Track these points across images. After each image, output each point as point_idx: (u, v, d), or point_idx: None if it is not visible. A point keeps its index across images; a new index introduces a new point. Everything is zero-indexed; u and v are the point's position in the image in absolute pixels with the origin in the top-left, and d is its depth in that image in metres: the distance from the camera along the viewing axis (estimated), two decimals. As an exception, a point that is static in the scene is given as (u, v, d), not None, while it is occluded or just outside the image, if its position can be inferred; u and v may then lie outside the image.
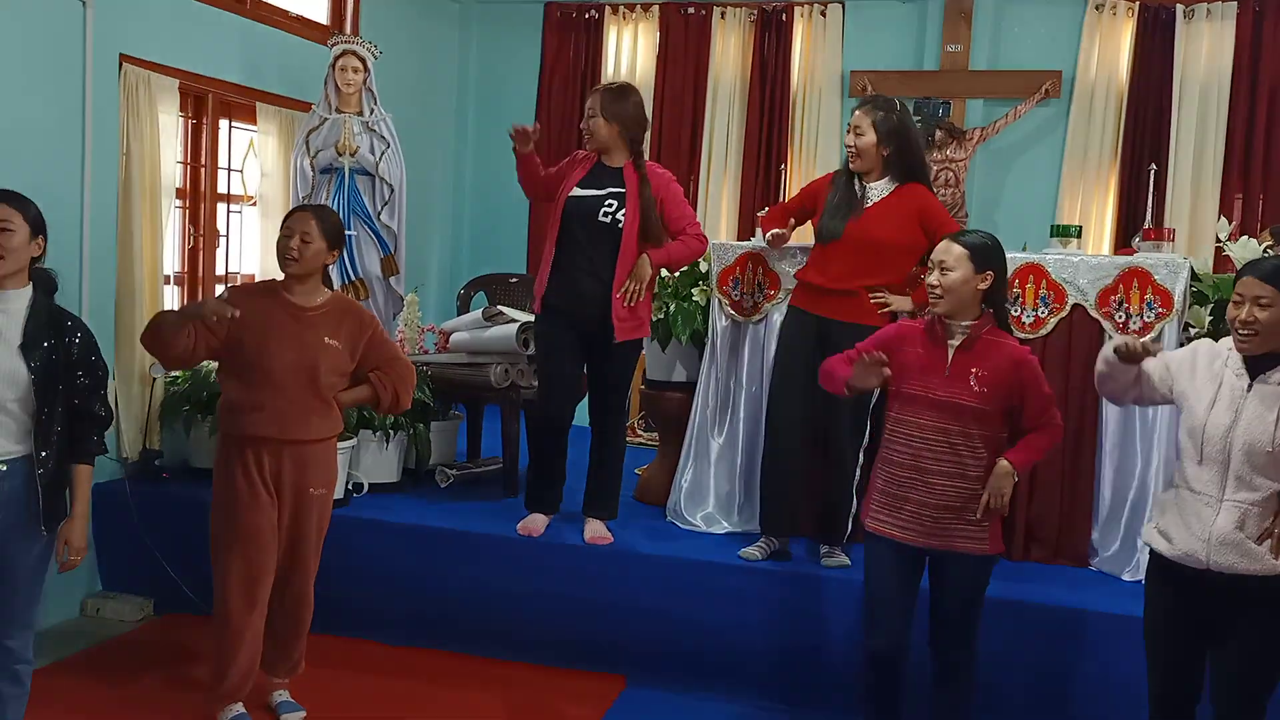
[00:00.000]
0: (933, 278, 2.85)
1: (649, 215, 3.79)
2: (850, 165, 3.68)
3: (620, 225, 3.77)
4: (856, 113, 3.67)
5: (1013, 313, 3.85)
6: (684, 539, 4.03)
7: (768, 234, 3.92)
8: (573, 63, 6.83)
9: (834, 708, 3.57)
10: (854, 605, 3.57)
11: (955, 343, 2.86)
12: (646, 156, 3.92)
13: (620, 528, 4.03)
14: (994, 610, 3.12)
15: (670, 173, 3.99)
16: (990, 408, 2.82)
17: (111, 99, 4.20)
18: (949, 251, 2.85)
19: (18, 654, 2.68)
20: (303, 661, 3.44)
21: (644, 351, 4.34)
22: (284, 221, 3.25)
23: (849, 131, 3.68)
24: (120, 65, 4.23)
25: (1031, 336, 3.82)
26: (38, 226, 2.61)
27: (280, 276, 3.26)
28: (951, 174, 5.86)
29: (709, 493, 4.20)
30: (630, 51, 6.73)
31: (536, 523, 3.96)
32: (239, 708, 3.31)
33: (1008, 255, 2.97)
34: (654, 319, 4.27)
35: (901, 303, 3.67)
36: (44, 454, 2.59)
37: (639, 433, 5.92)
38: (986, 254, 2.86)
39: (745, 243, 4.28)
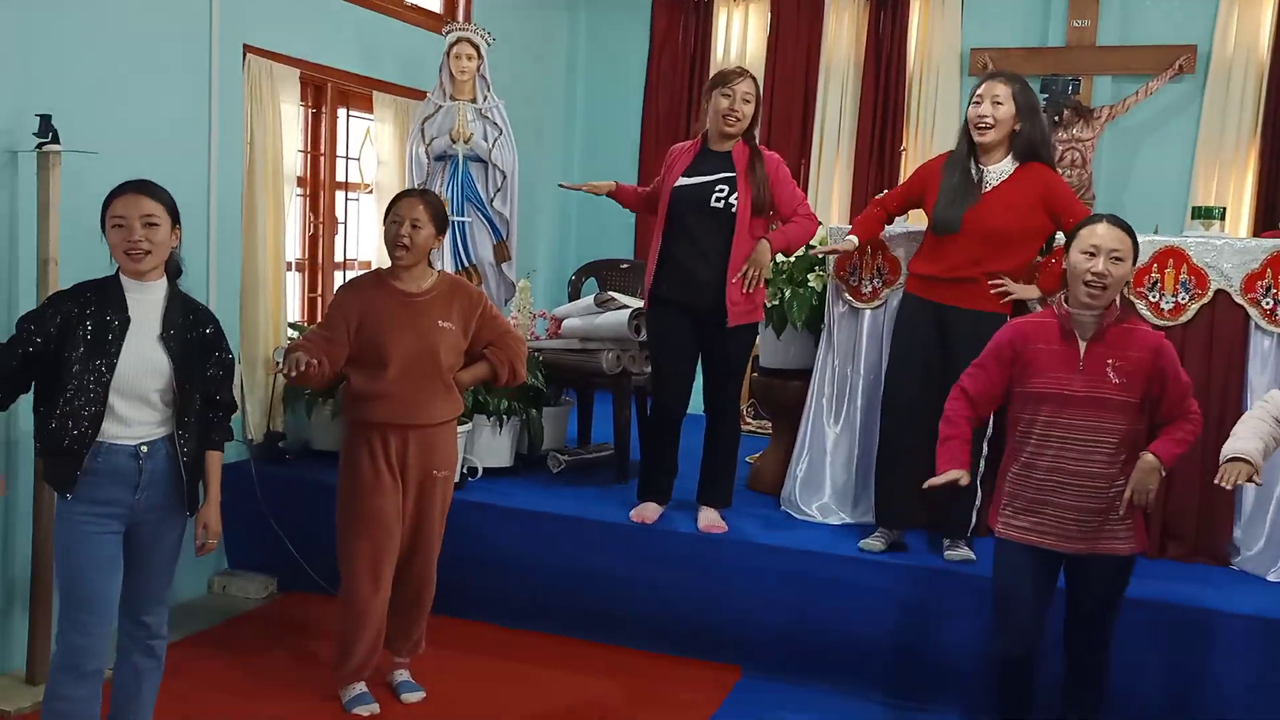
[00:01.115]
0: (1098, 265, 2.67)
1: (761, 194, 3.73)
2: (978, 138, 3.51)
3: (734, 209, 3.71)
4: (991, 83, 3.51)
5: (1150, 298, 3.68)
6: (799, 529, 3.96)
7: (842, 241, 3.84)
8: (681, 46, 6.77)
9: (954, 705, 3.48)
10: (976, 601, 3.46)
11: (1087, 334, 2.72)
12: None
13: (734, 516, 3.98)
14: (1127, 609, 2.98)
15: (778, 155, 3.92)
16: (1132, 399, 2.68)
17: (236, 89, 4.30)
18: (1122, 240, 2.70)
19: (154, 629, 2.76)
20: (423, 641, 3.49)
21: (757, 338, 4.27)
22: (390, 208, 3.25)
23: (981, 102, 3.49)
24: (244, 56, 4.32)
25: (1170, 324, 3.64)
26: (175, 217, 2.67)
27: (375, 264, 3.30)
28: (1078, 154, 5.62)
29: (825, 482, 4.12)
30: (740, 33, 6.63)
31: (649, 511, 3.94)
32: (361, 686, 3.38)
33: (1140, 239, 2.83)
34: (769, 305, 4.20)
35: (1026, 291, 3.53)
36: (184, 438, 2.65)
37: (749, 420, 5.85)
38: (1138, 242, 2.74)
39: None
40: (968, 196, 3.49)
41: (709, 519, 3.88)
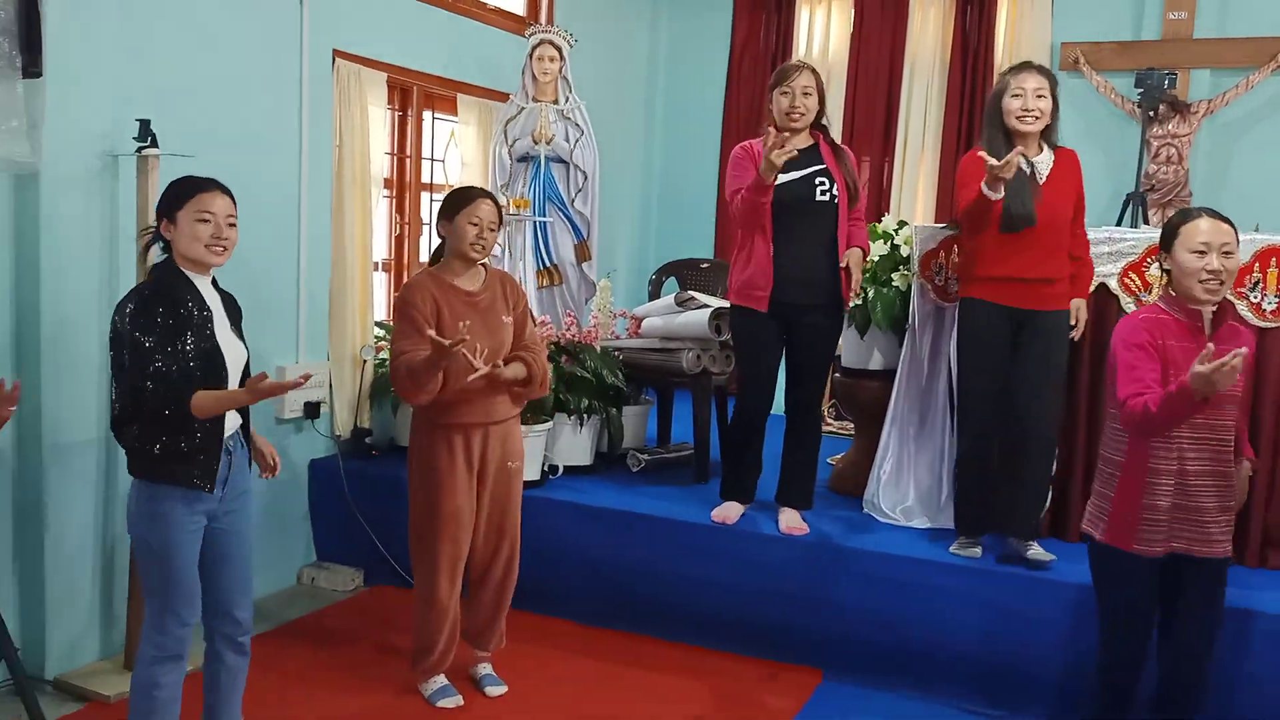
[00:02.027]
0: (1213, 263, 2.59)
1: (853, 183, 3.73)
2: (1024, 128, 3.46)
3: (835, 200, 3.69)
4: (1027, 75, 3.46)
5: (1251, 299, 3.56)
6: (882, 532, 3.91)
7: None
8: (763, 45, 6.73)
9: (1039, 712, 3.41)
10: (1065, 608, 3.40)
11: (1209, 332, 2.63)
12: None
13: (815, 518, 3.94)
14: (1231, 619, 2.88)
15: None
16: (1244, 394, 2.60)
17: (326, 93, 4.39)
18: (1229, 234, 2.62)
19: (244, 625, 2.81)
20: (504, 636, 3.52)
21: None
22: (463, 208, 3.20)
23: (1023, 94, 3.44)
24: (334, 60, 4.42)
25: (1273, 325, 3.52)
26: None
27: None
28: (1174, 150, 5.45)
29: (909, 485, 4.06)
30: (823, 31, 6.57)
31: (731, 511, 3.92)
32: (442, 679, 3.42)
33: (1240, 237, 2.73)
34: (853, 305, 4.16)
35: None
36: (245, 421, 2.73)
37: (829, 421, 5.79)
38: None
39: (948, 227, 4.09)
40: (1032, 190, 3.43)
41: (790, 520, 3.85)
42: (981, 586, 3.52)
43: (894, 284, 4.18)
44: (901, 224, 4.30)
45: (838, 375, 4.58)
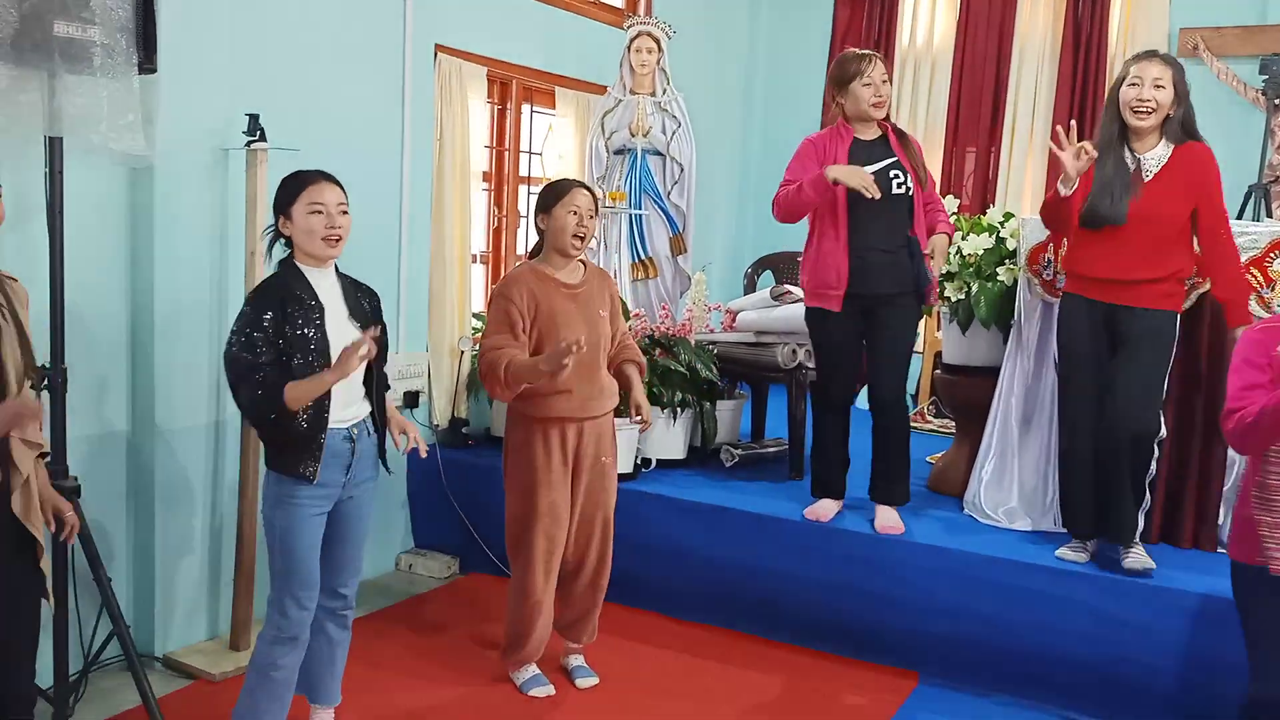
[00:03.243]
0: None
1: (922, 174, 3.67)
2: (1136, 122, 3.29)
3: (911, 192, 3.63)
4: (1148, 64, 3.29)
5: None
6: (984, 533, 3.80)
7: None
8: (865, 34, 6.60)
9: (1152, 727, 3.27)
10: (1182, 618, 3.25)
11: None
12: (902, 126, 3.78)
13: (913, 517, 3.85)
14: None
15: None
16: None
17: (427, 87, 4.45)
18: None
19: (349, 600, 2.90)
20: (597, 628, 3.53)
21: (939, 333, 4.12)
22: (560, 198, 3.20)
23: (1140, 84, 3.28)
24: (435, 55, 4.48)
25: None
26: None
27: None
28: (1301, 139, 5.17)
29: (1013, 486, 3.94)
30: (928, 20, 6.41)
31: (825, 508, 3.86)
32: (534, 668, 3.45)
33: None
34: (955, 299, 4.06)
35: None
36: (376, 411, 2.78)
37: (929, 419, 5.66)
38: None
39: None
40: (1129, 187, 3.27)
41: (886, 519, 3.77)
42: (1089, 592, 3.39)
43: (999, 278, 4.05)
44: (1008, 216, 4.17)
45: (938, 371, 4.47)
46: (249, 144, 3.47)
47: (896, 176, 3.61)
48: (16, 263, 2.77)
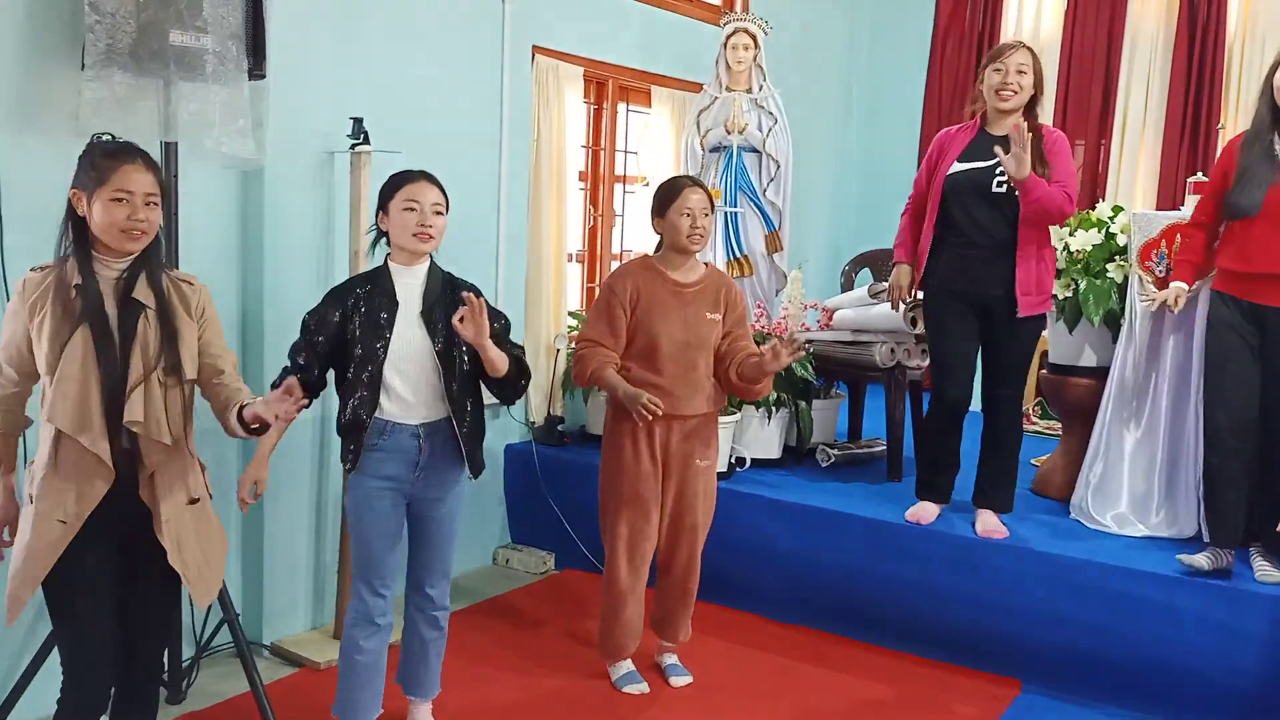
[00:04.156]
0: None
1: (1042, 166, 3.49)
2: None
3: (1017, 194, 3.49)
4: None
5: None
6: (1090, 539, 3.68)
7: (1170, 289, 3.48)
8: (968, 26, 6.45)
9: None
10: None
11: None
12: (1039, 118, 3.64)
13: (1016, 522, 3.75)
14: None
15: (1061, 133, 3.66)
16: None
17: (525, 88, 4.50)
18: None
19: (437, 601, 2.94)
20: (690, 628, 3.52)
21: (1045, 332, 4.01)
22: (672, 201, 3.21)
23: None
24: (533, 56, 4.52)
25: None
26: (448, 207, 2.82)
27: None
28: None
29: (1122, 490, 3.80)
30: (1035, 8, 6.23)
31: (926, 511, 3.78)
32: (629, 665, 3.46)
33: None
34: (1062, 297, 3.93)
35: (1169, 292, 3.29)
36: (458, 412, 2.78)
37: (1035, 420, 5.51)
38: None
39: (1170, 213, 3.81)
40: (1269, 174, 3.12)
41: (988, 523, 3.68)
42: (1202, 602, 3.27)
43: (1108, 275, 3.92)
44: (1117, 210, 4.03)
45: (1044, 372, 4.34)
46: (353, 147, 3.55)
47: (1003, 174, 3.51)
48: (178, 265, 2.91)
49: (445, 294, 2.80)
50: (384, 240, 2.83)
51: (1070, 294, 3.96)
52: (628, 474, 3.26)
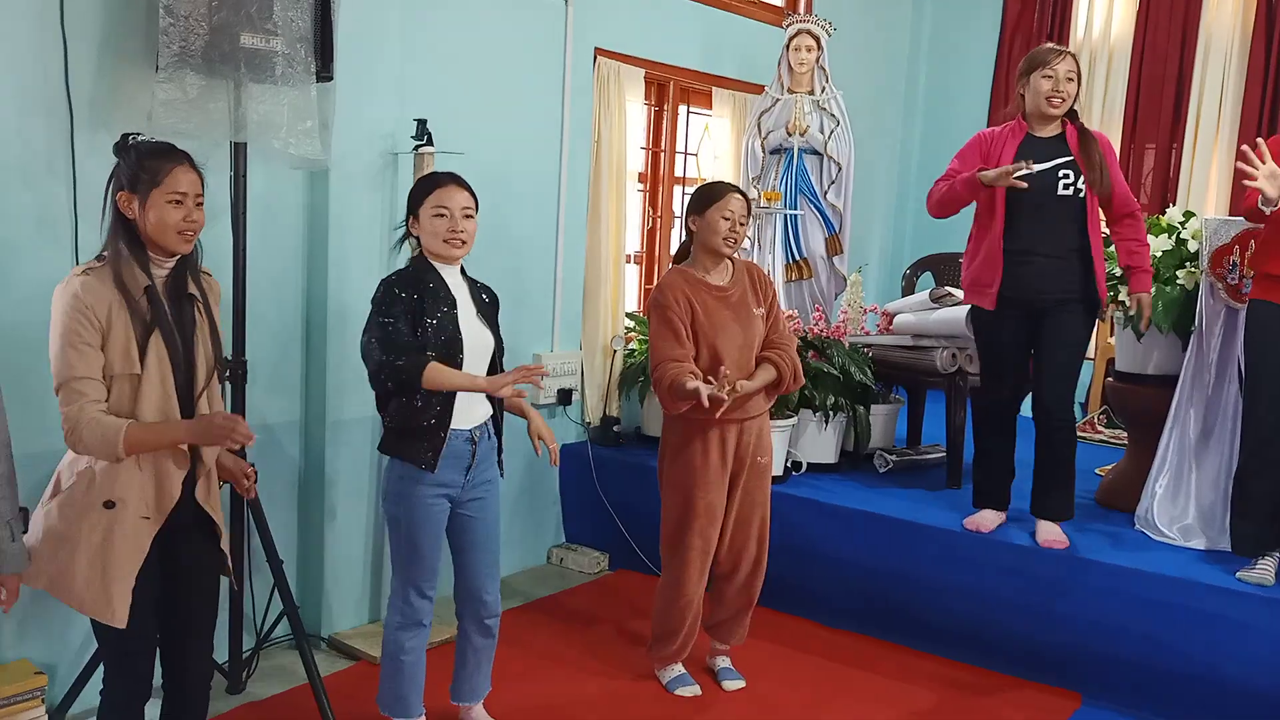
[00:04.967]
0: None
1: (1102, 180, 3.46)
2: None
3: (1082, 195, 3.46)
4: None
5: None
6: (1155, 551, 3.59)
7: None
8: (1037, 26, 6.34)
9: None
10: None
11: None
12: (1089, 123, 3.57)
13: (1078, 532, 3.68)
14: None
15: (1104, 134, 3.63)
16: None
17: (586, 90, 4.52)
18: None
19: (491, 607, 2.95)
20: (747, 630, 3.51)
21: (1112, 339, 3.93)
22: (714, 202, 3.18)
23: None
24: (595, 58, 4.54)
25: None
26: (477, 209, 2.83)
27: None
28: None
29: (1189, 502, 3.71)
30: (1105, 9, 6.10)
31: (986, 519, 3.73)
32: (680, 668, 3.46)
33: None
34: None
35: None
36: (497, 411, 2.83)
37: (1099, 429, 5.40)
38: None
39: (1243, 219, 3.70)
40: None
41: (1049, 533, 3.61)
42: (1271, 618, 3.17)
43: (1178, 281, 3.83)
44: (1188, 215, 3.94)
45: (1110, 380, 4.25)
46: (416, 148, 3.60)
47: (1065, 176, 3.46)
48: (203, 260, 2.95)
49: (482, 290, 2.87)
50: (412, 241, 2.86)
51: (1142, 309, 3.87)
52: (700, 484, 3.23)
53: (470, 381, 2.68)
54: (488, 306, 2.85)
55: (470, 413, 2.77)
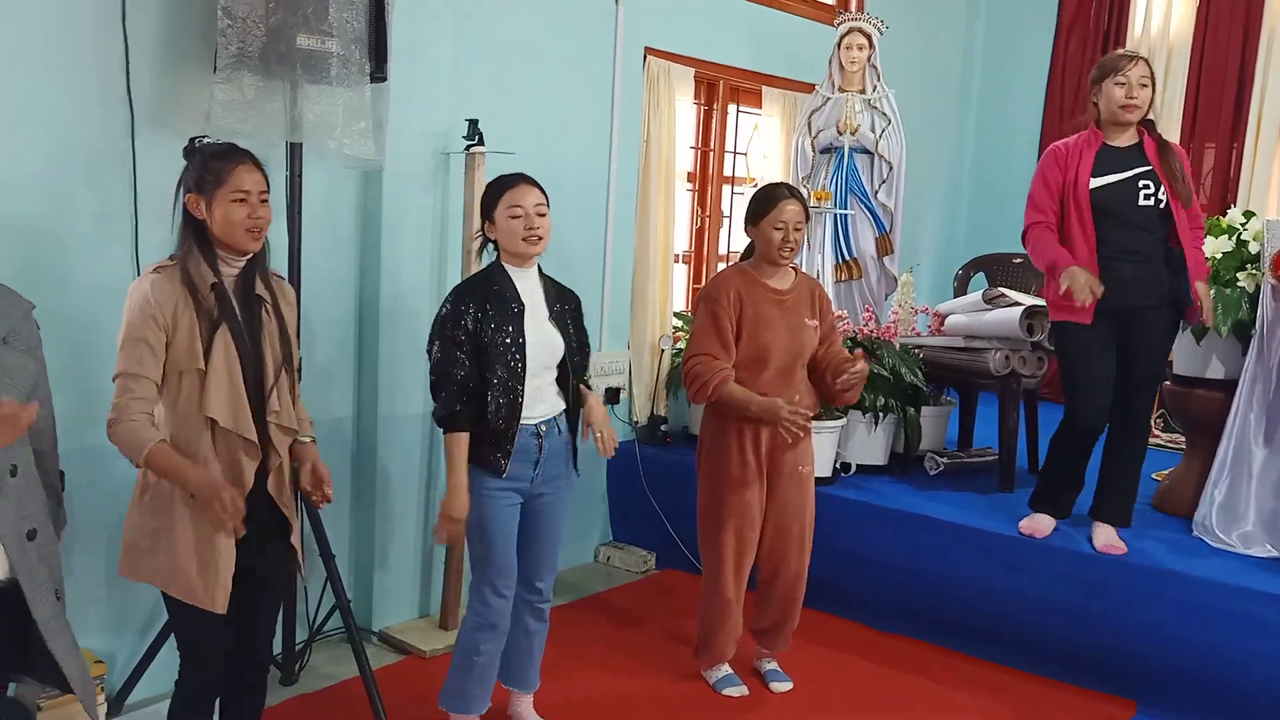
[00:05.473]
0: None
1: (1182, 187, 3.39)
2: None
3: (1163, 205, 3.40)
4: None
5: None
6: (1214, 558, 3.52)
7: None
8: (1094, 24, 6.24)
9: None
10: None
11: None
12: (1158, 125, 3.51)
13: (1135, 538, 3.62)
14: None
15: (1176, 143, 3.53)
16: None
17: (636, 89, 4.53)
18: None
19: (545, 594, 2.98)
20: (791, 637, 3.49)
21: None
22: (767, 212, 3.16)
23: None
24: (645, 58, 4.54)
25: None
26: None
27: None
28: None
29: (1249, 509, 3.63)
30: (1164, 5, 5.99)
31: (1043, 523, 3.67)
32: (727, 668, 3.45)
33: None
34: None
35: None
36: (570, 407, 2.84)
37: (1156, 433, 5.30)
38: None
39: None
40: None
41: (1106, 538, 3.55)
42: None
43: (1239, 284, 3.75)
44: (1249, 216, 3.85)
45: (1168, 383, 4.17)
46: (468, 148, 3.62)
47: (1146, 187, 3.40)
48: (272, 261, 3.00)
49: (559, 292, 2.86)
50: (491, 245, 2.87)
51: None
52: (733, 484, 3.24)
53: (452, 472, 2.74)
54: (564, 309, 2.84)
55: (536, 407, 2.78)
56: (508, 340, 2.71)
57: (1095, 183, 3.43)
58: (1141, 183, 3.38)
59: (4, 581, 1.99)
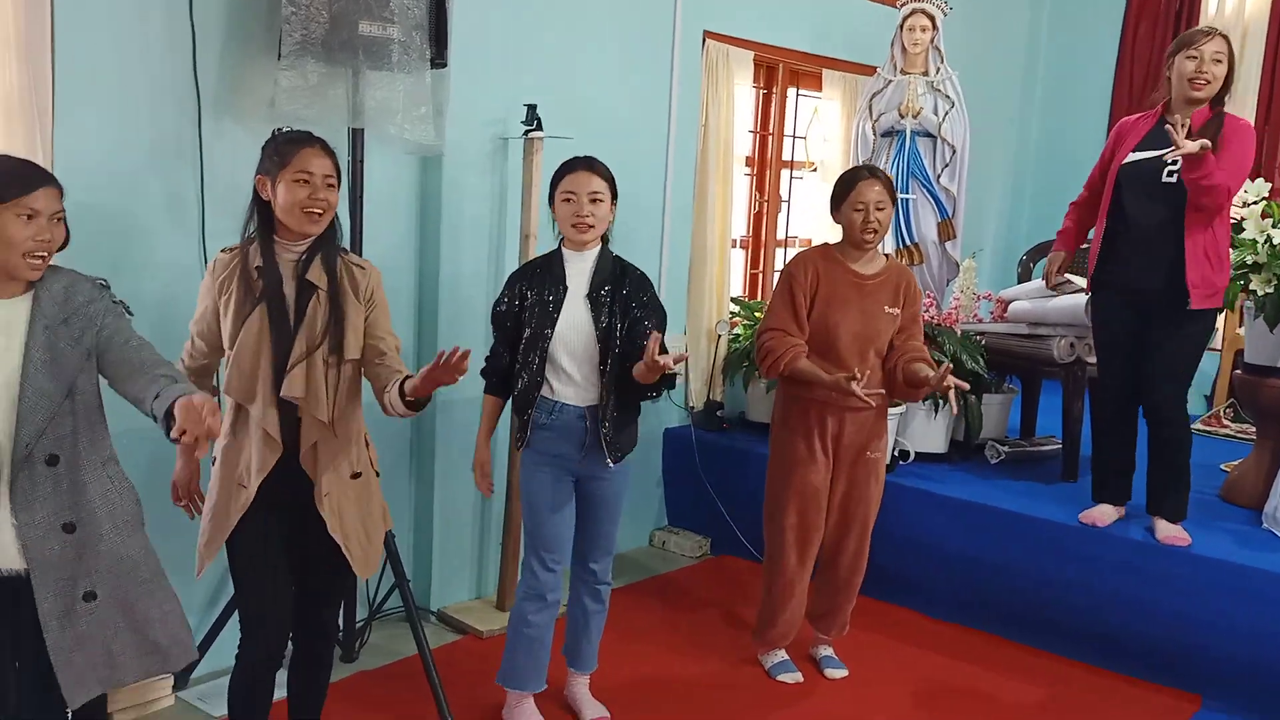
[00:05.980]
0: None
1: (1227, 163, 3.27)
2: None
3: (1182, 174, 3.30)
4: None
5: None
6: (1283, 551, 3.44)
7: None
8: (1164, 5, 6.07)
9: None
10: None
11: None
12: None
13: (1201, 529, 3.54)
14: None
15: (1248, 123, 3.41)
16: None
17: (694, 74, 4.50)
18: None
19: (600, 575, 3.01)
20: (848, 624, 3.48)
21: (1241, 330, 3.75)
22: (846, 196, 3.15)
23: None
24: (704, 42, 4.52)
25: None
26: (615, 193, 2.86)
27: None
28: None
29: (1322, 501, 3.53)
30: (1239, -15, 5.82)
31: (1104, 513, 3.61)
32: (782, 654, 3.45)
33: None
34: (1263, 293, 3.67)
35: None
36: (607, 394, 2.80)
37: (1225, 423, 5.17)
38: None
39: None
40: None
41: (1168, 530, 3.49)
42: None
43: (1313, 270, 3.64)
44: (1324, 201, 3.73)
45: (1238, 372, 4.07)
46: (526, 133, 3.64)
47: (1174, 165, 3.30)
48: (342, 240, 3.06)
49: (615, 276, 2.85)
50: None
51: (1271, 290, 3.69)
52: (800, 464, 3.24)
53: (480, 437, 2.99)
54: (612, 292, 2.81)
55: (582, 391, 2.81)
56: (542, 318, 2.78)
57: (1131, 157, 3.40)
58: (1172, 160, 3.28)
59: (18, 573, 2.01)
